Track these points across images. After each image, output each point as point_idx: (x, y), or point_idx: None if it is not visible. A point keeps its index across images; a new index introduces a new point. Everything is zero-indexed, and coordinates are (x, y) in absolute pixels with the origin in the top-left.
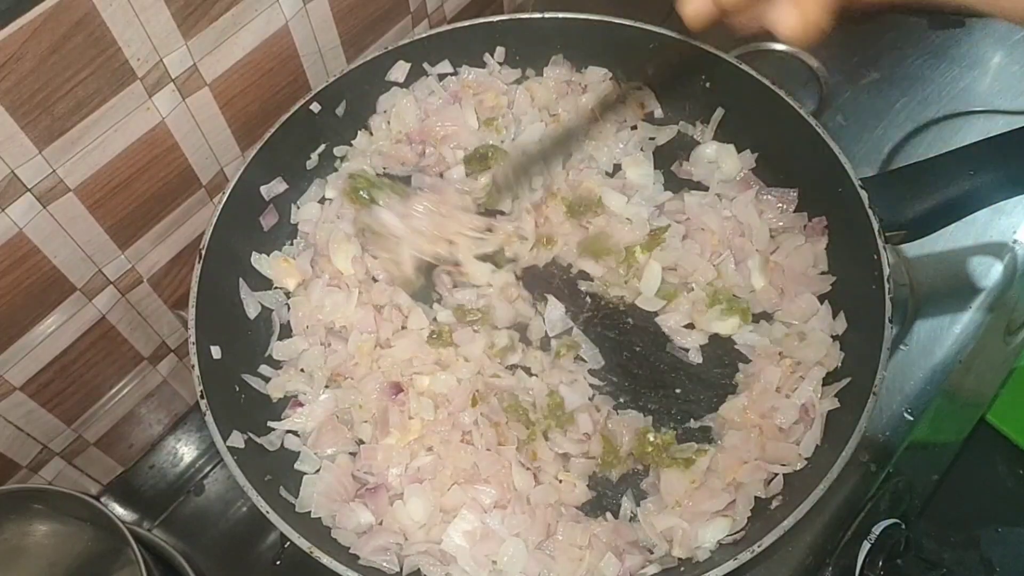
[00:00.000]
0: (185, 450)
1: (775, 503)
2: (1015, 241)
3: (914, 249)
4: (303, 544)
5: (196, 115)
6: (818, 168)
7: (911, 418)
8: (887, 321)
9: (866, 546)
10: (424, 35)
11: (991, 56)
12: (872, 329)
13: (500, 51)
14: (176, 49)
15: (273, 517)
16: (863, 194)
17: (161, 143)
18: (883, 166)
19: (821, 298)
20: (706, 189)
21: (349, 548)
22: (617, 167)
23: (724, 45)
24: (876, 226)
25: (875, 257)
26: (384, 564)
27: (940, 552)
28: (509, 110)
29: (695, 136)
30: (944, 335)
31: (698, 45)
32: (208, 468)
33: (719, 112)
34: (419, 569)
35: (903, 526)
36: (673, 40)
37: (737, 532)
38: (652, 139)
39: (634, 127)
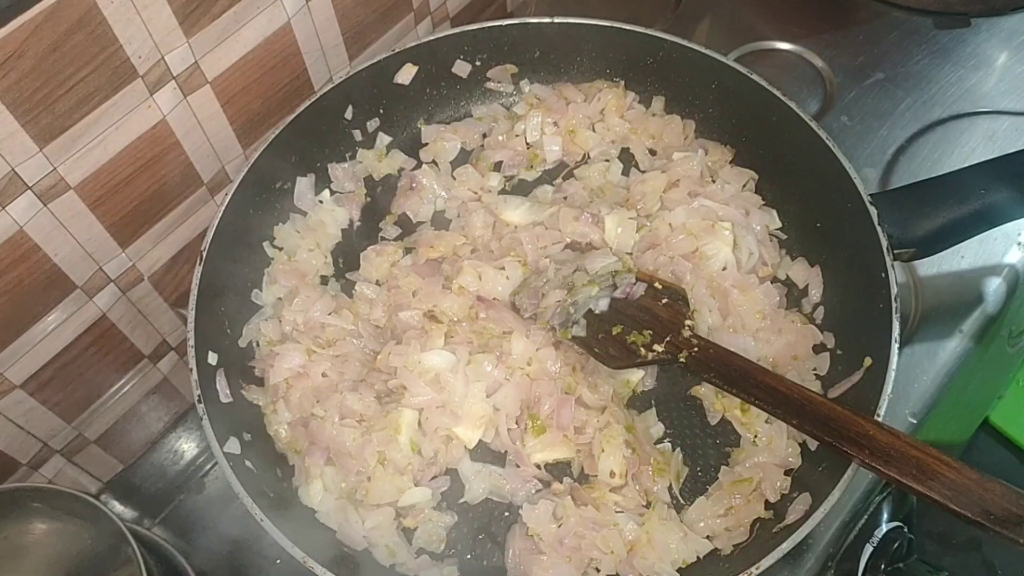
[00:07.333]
0: (185, 448)
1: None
2: (1019, 244)
3: None
4: (297, 554)
5: (197, 113)
6: (826, 183)
7: (914, 421)
8: (894, 342)
9: (869, 549)
10: (431, 38)
11: (996, 56)
12: (878, 349)
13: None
14: (177, 47)
15: (267, 525)
16: (872, 210)
17: (162, 141)
18: (888, 167)
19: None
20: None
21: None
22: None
23: (722, 48)
24: (885, 243)
25: (883, 275)
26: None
27: (942, 555)
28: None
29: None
30: (948, 338)
31: (706, 53)
32: (208, 466)
33: (729, 129)
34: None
35: (906, 529)
36: (678, 46)
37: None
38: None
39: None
